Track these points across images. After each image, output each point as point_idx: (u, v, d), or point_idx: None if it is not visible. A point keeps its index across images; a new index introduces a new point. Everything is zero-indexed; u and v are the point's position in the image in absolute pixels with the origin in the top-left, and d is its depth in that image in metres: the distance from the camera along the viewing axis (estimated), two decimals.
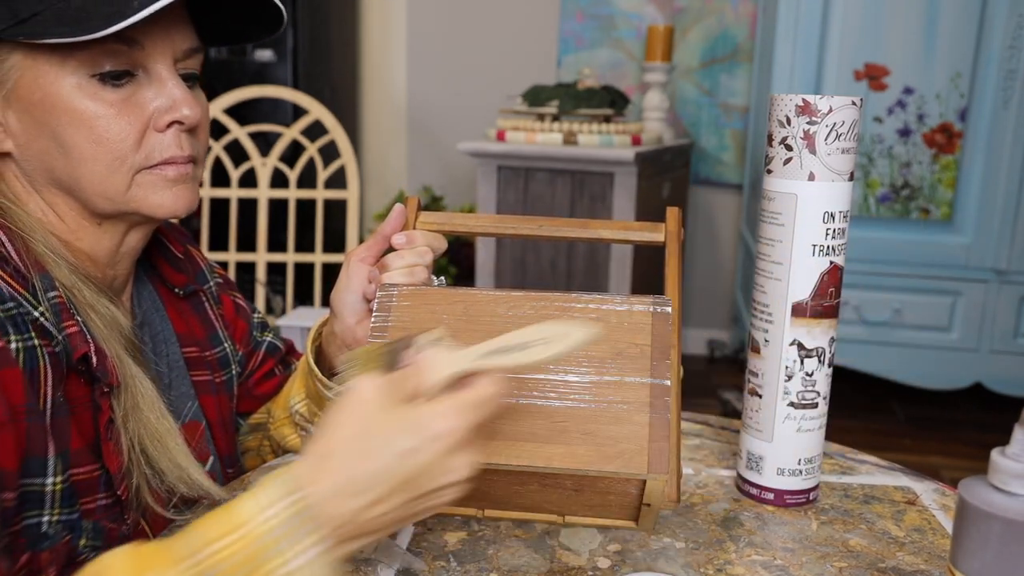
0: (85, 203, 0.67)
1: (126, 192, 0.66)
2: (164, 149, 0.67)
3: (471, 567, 0.63)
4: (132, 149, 0.65)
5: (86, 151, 0.64)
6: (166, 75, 0.66)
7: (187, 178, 0.69)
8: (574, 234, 0.77)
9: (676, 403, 0.62)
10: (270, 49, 3.05)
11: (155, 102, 0.66)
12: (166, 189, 0.67)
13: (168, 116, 0.66)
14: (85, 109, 0.63)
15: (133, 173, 0.66)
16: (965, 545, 0.48)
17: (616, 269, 2.28)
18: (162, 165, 0.67)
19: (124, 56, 0.63)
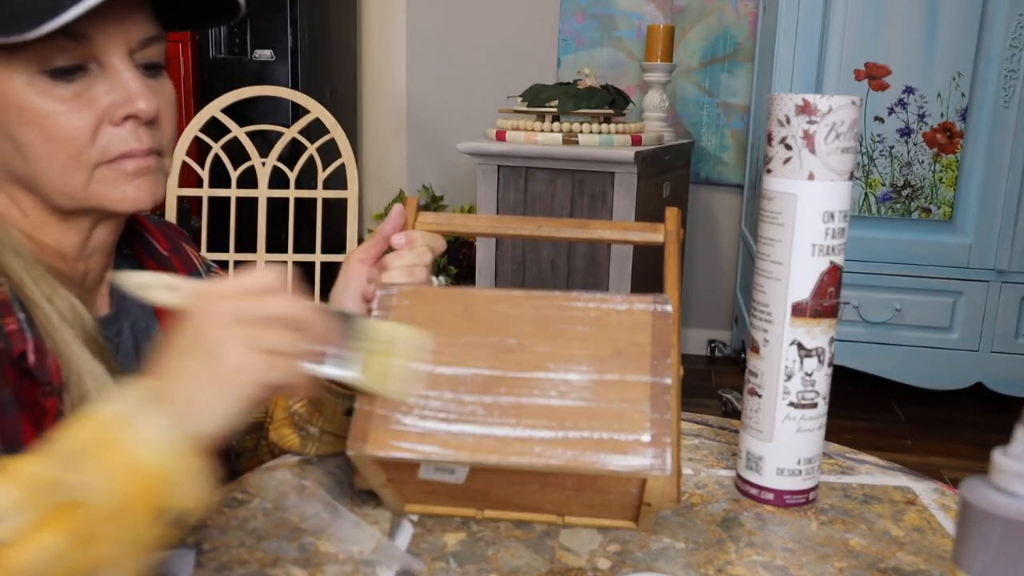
0: (46, 200, 0.66)
1: (85, 188, 0.65)
2: (121, 143, 0.65)
3: (471, 568, 0.63)
4: (87, 145, 0.64)
5: (40, 149, 0.63)
6: (121, 67, 0.64)
7: (149, 170, 0.67)
8: (574, 234, 0.76)
9: (676, 402, 0.62)
10: (270, 49, 3.05)
11: (109, 96, 0.64)
12: (126, 183, 0.66)
13: (123, 110, 0.65)
14: (35, 106, 0.62)
15: (91, 168, 0.65)
16: (967, 545, 0.48)
17: (616, 269, 2.28)
18: (121, 159, 0.66)
19: (74, 51, 0.62)
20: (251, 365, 0.52)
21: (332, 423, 0.80)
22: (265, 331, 0.53)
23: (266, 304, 0.54)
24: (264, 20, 3.03)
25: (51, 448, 0.49)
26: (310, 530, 0.67)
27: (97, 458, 0.49)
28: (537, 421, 0.60)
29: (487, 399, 0.61)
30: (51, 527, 0.46)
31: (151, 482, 0.49)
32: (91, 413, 0.51)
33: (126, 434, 0.50)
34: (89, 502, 0.47)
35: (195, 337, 0.53)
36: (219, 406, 0.52)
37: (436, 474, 0.64)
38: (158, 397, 0.51)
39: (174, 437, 0.50)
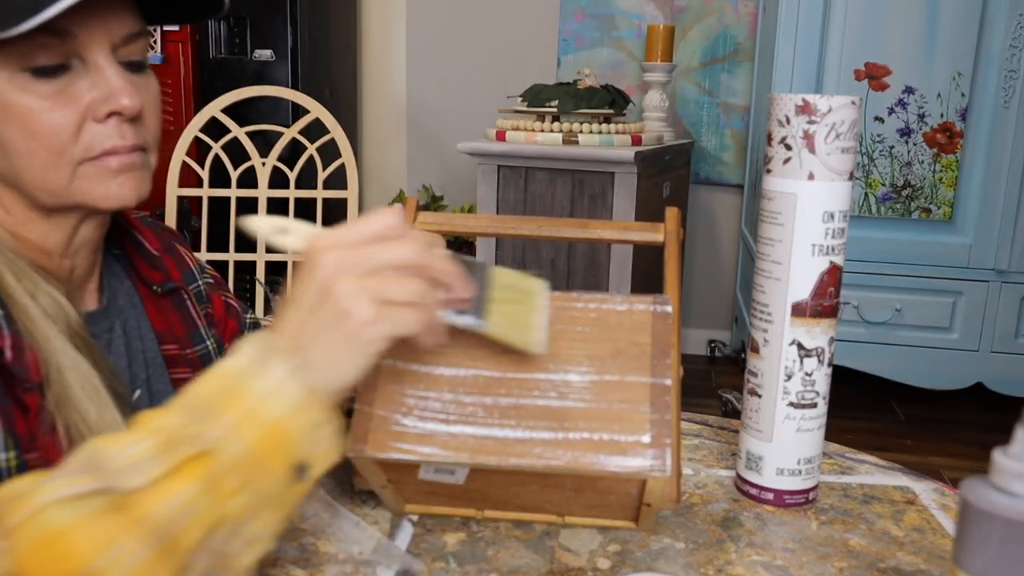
0: (29, 197, 0.66)
1: (68, 185, 0.65)
2: (104, 139, 0.65)
3: (471, 568, 0.63)
4: (69, 142, 0.64)
5: (21, 146, 0.63)
6: (103, 64, 0.64)
7: (133, 167, 0.67)
8: (574, 234, 0.76)
9: (676, 403, 0.62)
10: (270, 49, 3.05)
11: (91, 93, 0.64)
12: (110, 179, 0.66)
13: (106, 106, 0.64)
14: (17, 104, 0.62)
15: (74, 166, 0.65)
16: (967, 545, 0.48)
17: (616, 269, 2.28)
18: (104, 156, 0.65)
19: (56, 48, 0.62)
20: (379, 318, 0.51)
21: None
22: (390, 280, 0.52)
23: (389, 251, 0.52)
24: (264, 20, 3.03)
25: (180, 401, 0.50)
26: (310, 530, 0.67)
27: (225, 410, 0.49)
28: (537, 422, 0.60)
29: (487, 400, 0.61)
30: (183, 476, 0.47)
31: (280, 435, 0.49)
32: (219, 366, 0.51)
33: (251, 387, 0.50)
34: (219, 452, 0.48)
35: (320, 291, 0.51)
36: (348, 362, 0.51)
37: (436, 475, 0.64)
38: (286, 351, 0.51)
39: (301, 391, 0.50)
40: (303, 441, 0.50)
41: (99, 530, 0.44)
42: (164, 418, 0.49)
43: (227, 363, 0.51)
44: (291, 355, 0.51)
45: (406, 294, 0.52)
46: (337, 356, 0.51)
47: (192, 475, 0.47)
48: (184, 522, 0.46)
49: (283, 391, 0.50)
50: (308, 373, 0.51)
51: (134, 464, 0.46)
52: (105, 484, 0.45)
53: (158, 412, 0.50)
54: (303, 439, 0.50)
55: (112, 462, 0.46)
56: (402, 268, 0.52)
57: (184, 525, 0.46)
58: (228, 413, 0.49)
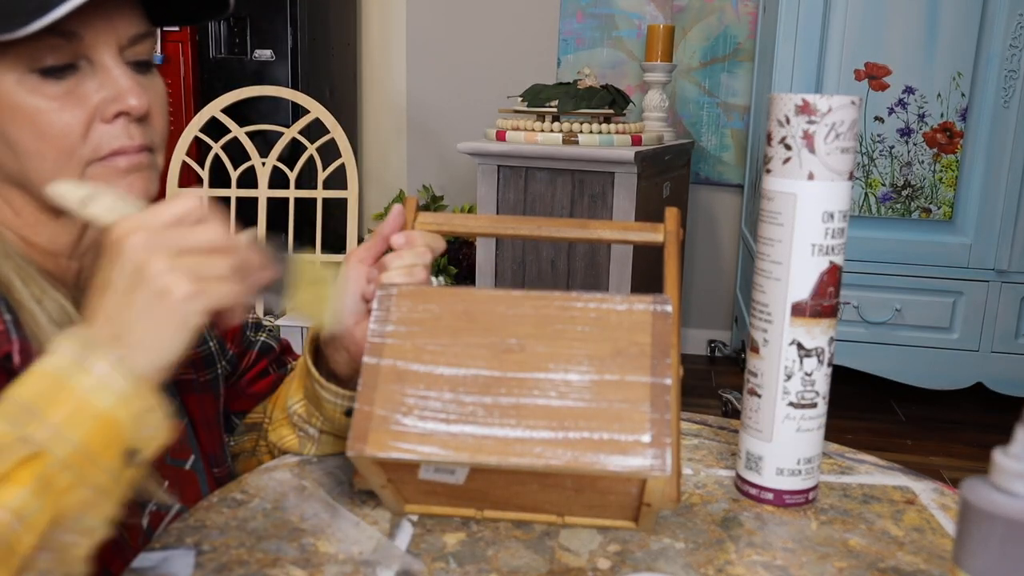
0: (39, 198, 0.66)
1: None
2: (112, 140, 0.65)
3: (470, 568, 0.63)
4: (78, 142, 0.64)
5: (31, 147, 0.63)
6: (111, 64, 0.64)
7: (141, 167, 0.67)
8: (574, 234, 0.76)
9: (676, 403, 0.62)
10: (270, 49, 3.05)
11: (99, 93, 0.64)
12: (119, 180, 0.66)
13: (114, 107, 0.65)
14: (26, 105, 0.62)
15: (83, 166, 0.65)
16: (968, 545, 0.48)
17: (616, 269, 2.28)
18: (112, 156, 0.65)
19: (64, 49, 0.62)
20: (196, 293, 0.53)
21: (331, 423, 0.80)
22: (197, 259, 0.53)
23: (197, 232, 0.54)
24: (264, 20, 3.03)
25: (2, 405, 0.50)
26: (310, 530, 0.67)
27: (51, 410, 0.50)
28: (537, 421, 0.60)
29: (487, 400, 0.61)
30: (14, 482, 0.47)
31: (110, 427, 0.50)
32: (38, 366, 0.51)
33: (79, 381, 0.50)
34: (49, 452, 0.48)
35: (133, 272, 0.53)
36: (170, 339, 0.53)
37: (436, 475, 0.64)
38: (105, 340, 0.52)
39: (123, 379, 0.51)
40: (133, 428, 0.51)
41: None
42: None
43: (46, 362, 0.52)
44: (112, 345, 0.52)
45: (218, 270, 0.54)
46: (159, 335, 0.53)
47: (22, 480, 0.47)
48: (19, 528, 0.46)
49: (109, 384, 0.51)
50: (132, 359, 0.52)
51: None
52: None
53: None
54: (133, 427, 0.51)
55: None
56: (208, 248, 0.54)
57: (19, 531, 0.46)
58: (54, 413, 0.49)
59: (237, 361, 0.87)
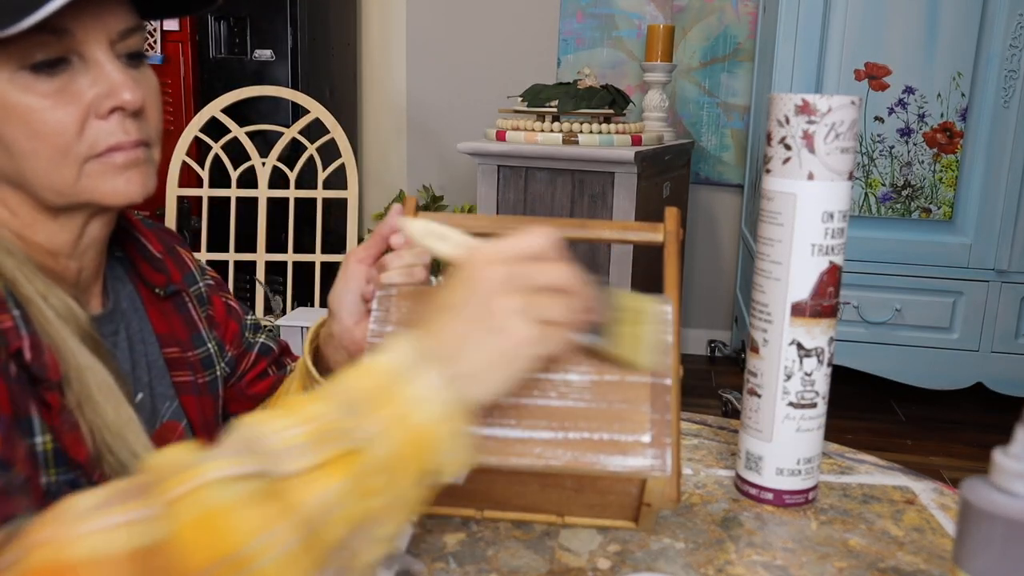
0: (36, 197, 0.66)
1: (75, 183, 0.65)
2: (108, 136, 0.65)
3: (470, 568, 0.63)
4: (74, 139, 0.63)
5: (26, 146, 0.63)
6: (103, 59, 0.64)
7: (138, 162, 0.67)
8: (574, 234, 0.76)
9: (676, 403, 0.62)
10: (270, 49, 3.05)
11: (93, 89, 0.64)
12: (117, 176, 0.66)
13: (108, 102, 0.64)
14: (19, 103, 0.62)
15: (80, 163, 0.64)
16: (968, 545, 0.48)
17: (616, 269, 2.28)
18: (109, 152, 0.65)
19: (54, 45, 0.61)
20: (531, 338, 0.53)
21: None
22: (543, 300, 0.54)
23: (544, 271, 0.54)
24: (264, 20, 3.03)
25: (331, 391, 0.51)
26: None
27: (378, 408, 0.50)
28: (537, 422, 0.60)
29: None
30: (335, 470, 0.47)
31: (424, 441, 0.50)
32: (372, 363, 0.52)
33: (404, 390, 0.50)
34: (368, 451, 0.48)
35: (477, 304, 0.53)
36: (497, 376, 0.53)
37: None
38: (436, 356, 0.52)
39: (448, 399, 0.51)
40: (442, 449, 0.51)
41: (256, 514, 0.44)
42: (317, 407, 0.49)
43: (382, 359, 0.52)
44: (446, 364, 0.52)
45: (559, 314, 0.54)
46: (490, 370, 0.53)
47: (342, 471, 0.47)
48: (331, 517, 0.46)
49: (435, 399, 0.51)
50: (460, 384, 0.52)
51: (289, 448, 0.46)
52: (263, 467, 0.45)
53: (310, 399, 0.50)
54: (443, 447, 0.51)
55: (268, 444, 0.47)
56: (551, 289, 0.54)
57: (331, 520, 0.46)
58: (380, 412, 0.49)
59: (236, 363, 0.87)
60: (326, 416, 0.49)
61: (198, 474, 0.45)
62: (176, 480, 0.45)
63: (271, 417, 0.49)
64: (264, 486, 0.45)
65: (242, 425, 0.49)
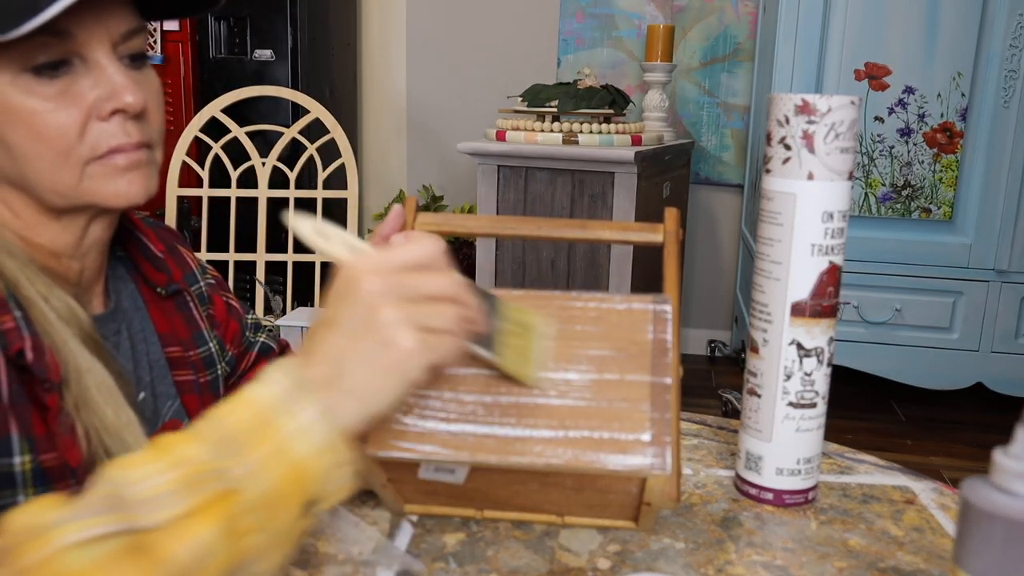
0: (38, 199, 0.66)
1: (78, 185, 0.65)
2: (110, 138, 0.65)
3: (470, 568, 0.63)
4: (75, 142, 0.63)
5: (28, 149, 0.63)
6: (105, 62, 0.64)
7: (140, 164, 0.67)
8: (573, 234, 0.76)
9: (676, 402, 0.62)
10: (270, 49, 3.05)
11: (94, 91, 0.64)
12: (119, 177, 0.66)
13: (110, 104, 0.64)
14: (21, 106, 0.62)
15: (82, 165, 0.64)
16: (968, 545, 0.48)
17: (616, 269, 2.28)
18: (111, 154, 0.65)
19: (55, 48, 0.61)
20: (418, 348, 0.51)
21: None
22: (428, 309, 0.52)
23: (431, 280, 0.53)
24: (264, 20, 3.03)
25: (206, 428, 0.49)
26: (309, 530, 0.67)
27: (252, 446, 0.48)
28: (537, 420, 0.60)
29: (487, 398, 0.61)
30: (206, 516, 0.46)
31: (301, 475, 0.49)
32: (249, 395, 0.50)
33: (283, 423, 0.49)
34: (242, 492, 0.47)
35: (363, 317, 0.51)
36: (385, 391, 0.51)
37: (436, 474, 0.64)
38: (318, 383, 0.51)
39: (331, 429, 0.50)
40: (322, 480, 0.50)
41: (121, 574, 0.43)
42: (188, 447, 0.48)
43: (257, 392, 0.51)
44: (326, 390, 0.50)
45: (446, 323, 0.52)
46: (375, 385, 0.51)
47: (213, 516, 0.46)
48: (203, 565, 0.45)
49: (312, 431, 0.49)
50: (341, 407, 0.50)
51: (156, 497, 0.45)
52: (124, 525, 0.44)
53: (182, 438, 0.49)
54: (323, 478, 0.50)
55: (133, 494, 0.45)
56: (438, 298, 0.52)
57: (203, 569, 0.45)
58: (254, 450, 0.48)
59: (237, 362, 0.87)
60: (197, 457, 0.47)
61: (55, 538, 0.43)
62: (31, 546, 0.43)
63: (140, 462, 0.47)
64: (129, 542, 0.44)
65: (108, 473, 0.47)
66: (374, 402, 0.51)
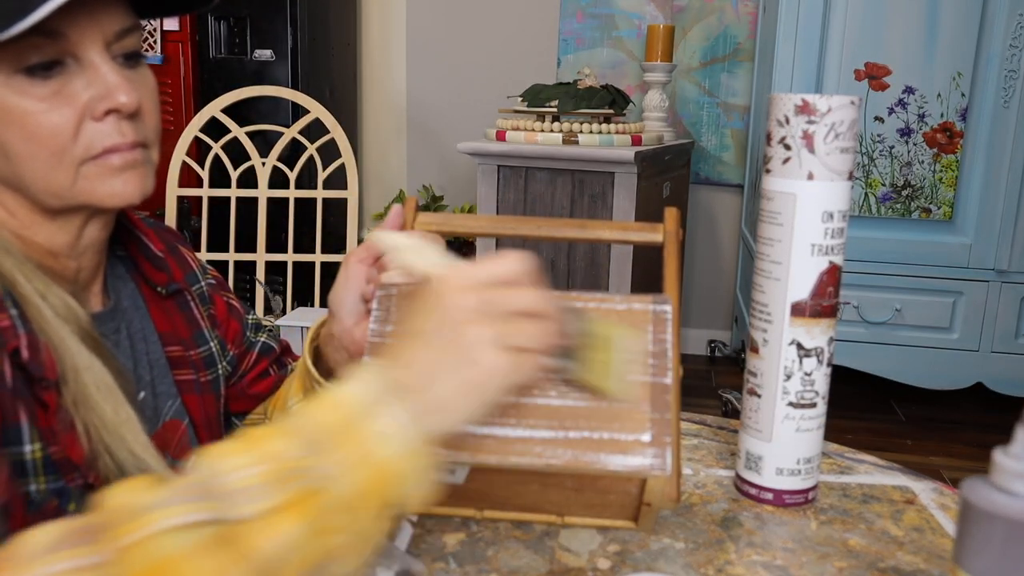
0: (34, 200, 0.66)
1: (72, 186, 0.65)
2: (104, 138, 0.64)
3: (470, 568, 0.63)
4: (69, 142, 0.63)
5: (22, 150, 0.63)
6: (98, 61, 0.63)
7: (136, 163, 0.67)
8: (573, 234, 0.76)
9: (676, 402, 0.62)
10: (270, 49, 3.05)
11: (88, 91, 0.63)
12: (114, 177, 0.65)
13: (104, 104, 0.64)
14: (14, 107, 0.61)
15: (76, 166, 0.64)
16: (968, 545, 0.48)
17: (616, 269, 2.28)
18: (105, 154, 0.65)
19: (48, 48, 0.61)
20: (503, 367, 0.52)
21: None
22: (515, 327, 0.53)
23: (516, 296, 0.53)
24: (264, 20, 3.03)
25: (295, 425, 0.50)
26: None
27: (341, 446, 0.49)
28: (537, 421, 0.60)
29: None
30: (292, 513, 0.46)
31: (386, 478, 0.49)
32: (336, 395, 0.51)
33: (368, 425, 0.50)
34: (329, 491, 0.47)
35: (448, 333, 0.52)
36: (466, 406, 0.52)
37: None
38: (404, 388, 0.51)
39: (414, 434, 0.50)
40: (406, 483, 0.50)
41: (209, 563, 0.44)
42: (278, 442, 0.48)
43: (347, 391, 0.51)
44: (414, 396, 0.51)
45: (531, 341, 0.53)
46: (459, 400, 0.52)
47: (300, 513, 0.46)
48: (288, 561, 0.46)
49: (400, 435, 0.50)
50: (428, 417, 0.51)
51: (246, 490, 0.46)
52: (216, 514, 0.45)
53: (271, 432, 0.49)
54: (406, 482, 0.50)
55: (224, 484, 0.46)
56: (523, 314, 0.53)
57: (288, 564, 0.46)
58: (343, 450, 0.49)
59: (238, 362, 0.87)
60: (286, 454, 0.48)
61: (151, 522, 0.44)
62: (128, 527, 0.44)
63: (231, 452, 0.48)
64: (218, 532, 0.44)
65: (201, 461, 0.48)
66: (457, 416, 0.52)
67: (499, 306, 0.53)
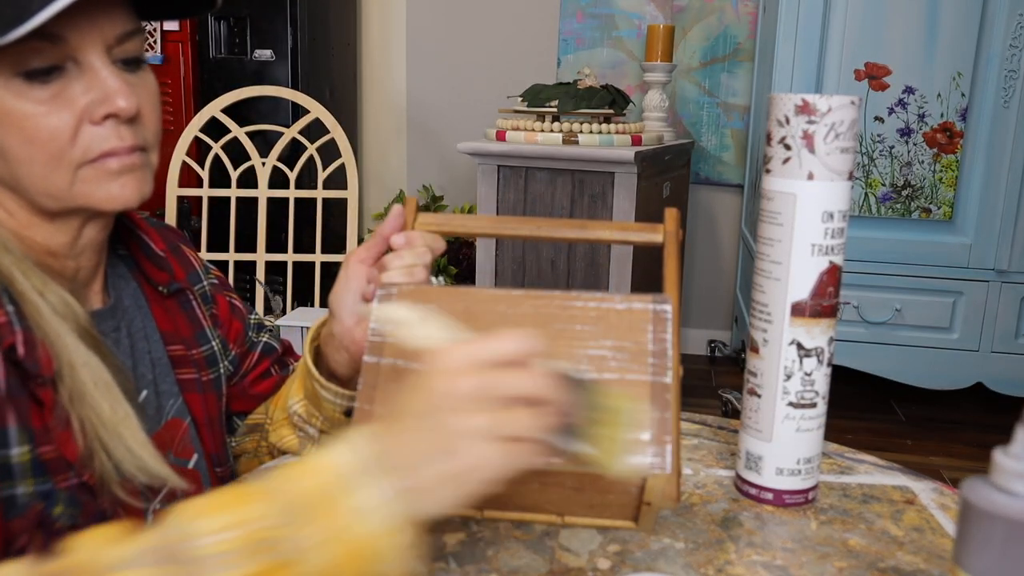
0: (31, 201, 0.66)
1: (70, 189, 0.65)
2: (102, 142, 0.64)
3: (471, 568, 0.63)
4: (67, 146, 0.63)
5: (20, 152, 0.63)
6: (98, 65, 0.64)
7: (134, 167, 0.67)
8: (573, 235, 0.76)
9: (676, 402, 0.62)
10: (270, 49, 3.05)
11: (87, 95, 0.63)
12: (111, 181, 0.66)
13: (103, 109, 0.64)
14: (13, 110, 0.62)
15: (74, 169, 0.64)
16: (968, 545, 0.48)
17: (616, 269, 2.28)
18: (103, 158, 0.65)
19: (48, 52, 0.61)
20: (490, 461, 0.50)
21: (331, 423, 0.80)
22: (510, 416, 0.50)
23: (514, 381, 0.51)
24: (264, 20, 3.03)
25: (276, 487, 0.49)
26: None
27: (320, 517, 0.48)
28: None
29: None
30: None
31: (362, 555, 0.48)
32: (321, 460, 0.50)
33: (348, 499, 0.48)
34: (300, 564, 0.46)
35: (440, 420, 0.50)
36: (448, 496, 0.50)
37: None
38: (388, 466, 0.49)
39: (393, 513, 0.49)
40: (383, 562, 0.49)
41: None
42: (255, 506, 0.47)
43: (333, 458, 0.50)
44: (400, 476, 0.49)
45: (526, 430, 0.50)
46: (446, 488, 0.50)
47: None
48: None
49: (380, 512, 0.48)
50: (411, 497, 0.49)
51: (217, 556, 0.45)
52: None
53: (251, 494, 0.48)
54: (384, 560, 0.49)
55: (195, 548, 0.45)
56: (519, 400, 0.51)
57: None
58: (320, 522, 0.47)
59: (239, 361, 0.88)
60: (262, 520, 0.47)
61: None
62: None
63: (207, 512, 0.47)
64: None
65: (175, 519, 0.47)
66: (442, 503, 0.50)
67: (496, 391, 0.50)
